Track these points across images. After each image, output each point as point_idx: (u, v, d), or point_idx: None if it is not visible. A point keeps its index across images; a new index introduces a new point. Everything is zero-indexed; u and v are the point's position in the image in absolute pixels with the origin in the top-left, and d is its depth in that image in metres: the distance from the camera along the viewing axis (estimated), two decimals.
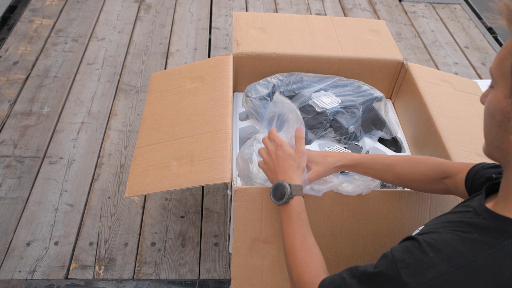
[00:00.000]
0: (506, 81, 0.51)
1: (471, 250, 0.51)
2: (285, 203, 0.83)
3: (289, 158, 0.86)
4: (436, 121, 1.19)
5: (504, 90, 0.52)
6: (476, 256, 0.50)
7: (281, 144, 0.87)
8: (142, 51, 2.13)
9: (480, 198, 0.61)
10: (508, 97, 0.51)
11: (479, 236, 0.52)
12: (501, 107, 0.53)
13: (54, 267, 1.25)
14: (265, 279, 1.00)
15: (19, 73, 1.92)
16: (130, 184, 1.08)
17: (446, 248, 0.52)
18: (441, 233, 0.55)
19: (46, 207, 1.40)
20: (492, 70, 0.54)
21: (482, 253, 0.50)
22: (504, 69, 0.51)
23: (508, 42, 0.52)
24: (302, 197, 0.84)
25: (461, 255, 0.50)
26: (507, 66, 0.51)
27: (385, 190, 1.02)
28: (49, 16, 2.29)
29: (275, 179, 0.86)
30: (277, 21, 1.53)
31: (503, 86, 0.52)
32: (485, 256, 0.50)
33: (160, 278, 1.24)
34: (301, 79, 1.35)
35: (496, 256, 0.49)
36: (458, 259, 0.50)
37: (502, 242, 0.50)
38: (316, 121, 1.28)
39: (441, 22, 2.57)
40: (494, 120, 0.54)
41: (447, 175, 0.85)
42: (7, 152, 1.57)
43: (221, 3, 2.54)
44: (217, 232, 1.37)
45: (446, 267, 0.50)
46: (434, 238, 0.54)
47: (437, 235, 0.55)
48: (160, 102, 1.30)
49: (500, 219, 0.52)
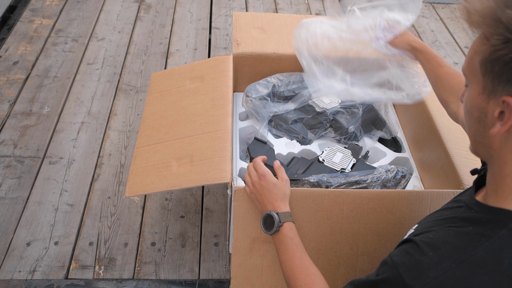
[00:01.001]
0: (477, 79, 0.54)
1: (468, 244, 0.51)
2: (276, 232, 0.84)
3: (274, 188, 0.87)
4: (436, 121, 1.19)
5: (477, 87, 0.54)
6: (475, 250, 0.51)
7: (264, 174, 0.88)
8: (142, 51, 2.13)
9: (470, 192, 0.62)
10: (481, 93, 0.54)
11: (474, 229, 0.53)
12: (476, 104, 0.55)
13: (54, 267, 1.25)
14: (265, 279, 1.00)
15: (19, 73, 1.92)
16: (130, 184, 1.08)
17: (444, 245, 0.53)
18: (437, 231, 0.56)
19: (46, 207, 1.40)
20: (464, 70, 0.57)
21: (480, 246, 0.51)
22: (474, 68, 0.54)
23: (474, 42, 0.55)
24: (293, 223, 0.85)
25: (460, 250, 0.51)
26: (476, 64, 0.53)
27: (385, 190, 1.02)
28: (49, 16, 2.29)
29: (264, 209, 0.88)
30: (277, 21, 1.53)
31: (475, 83, 0.54)
32: (484, 248, 0.50)
33: (160, 278, 1.24)
34: (301, 79, 1.35)
35: (494, 247, 0.50)
36: (457, 254, 0.51)
37: (498, 233, 0.51)
38: (316, 121, 1.28)
39: (441, 22, 2.57)
40: (473, 117, 0.56)
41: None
42: (7, 152, 1.57)
43: (221, 3, 2.54)
44: (217, 232, 1.37)
45: (447, 264, 0.51)
46: (430, 237, 0.55)
47: (433, 233, 0.56)
48: (160, 102, 1.30)
49: (493, 210, 0.54)
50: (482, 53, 0.52)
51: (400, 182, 1.09)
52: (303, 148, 1.27)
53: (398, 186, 1.09)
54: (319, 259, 0.99)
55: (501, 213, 0.53)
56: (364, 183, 1.07)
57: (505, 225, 0.51)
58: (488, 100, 0.53)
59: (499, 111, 0.52)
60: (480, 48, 0.53)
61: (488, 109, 0.53)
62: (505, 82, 0.50)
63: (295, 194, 0.97)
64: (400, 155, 1.28)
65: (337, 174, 1.06)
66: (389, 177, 1.08)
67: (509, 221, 0.51)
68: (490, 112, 0.53)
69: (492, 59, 0.51)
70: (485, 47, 0.51)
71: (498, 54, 0.50)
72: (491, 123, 0.53)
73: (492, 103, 0.53)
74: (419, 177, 1.23)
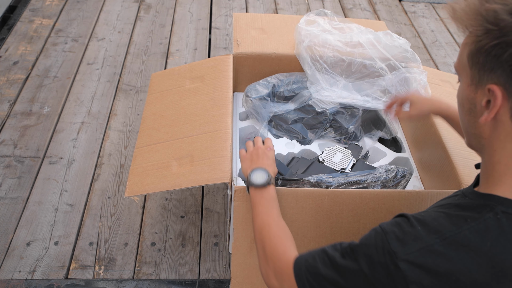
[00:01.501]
0: (466, 72, 0.57)
1: (455, 224, 0.54)
2: (263, 187, 0.86)
3: (270, 154, 0.97)
4: (436, 121, 1.19)
5: (466, 80, 0.58)
6: (460, 229, 0.53)
7: (271, 148, 0.99)
8: (142, 51, 2.13)
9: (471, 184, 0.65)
10: (470, 85, 0.57)
11: (463, 213, 0.55)
12: (466, 96, 0.58)
13: (54, 267, 1.25)
14: None
15: (19, 73, 1.92)
16: (130, 184, 1.08)
17: (432, 222, 0.55)
18: (429, 212, 0.59)
19: (46, 207, 1.40)
20: (455, 66, 0.61)
21: (465, 226, 0.53)
22: (463, 62, 0.58)
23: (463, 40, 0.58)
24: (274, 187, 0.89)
25: (447, 228, 0.54)
26: (464, 59, 0.57)
27: (385, 190, 1.02)
28: (49, 16, 2.29)
29: (256, 165, 0.92)
30: (277, 21, 1.53)
31: (465, 77, 0.58)
32: (468, 228, 0.53)
33: (160, 278, 1.24)
34: (301, 79, 1.35)
35: (479, 228, 0.53)
36: (443, 231, 0.54)
37: (484, 216, 0.53)
38: (316, 121, 1.28)
39: (441, 22, 2.57)
40: (464, 109, 0.60)
41: None
42: (7, 152, 1.57)
43: (221, 3, 2.54)
44: (217, 232, 1.37)
45: (432, 238, 0.54)
46: (422, 215, 0.58)
47: (425, 212, 0.59)
48: (160, 102, 1.30)
49: (482, 196, 0.56)
50: (468, 46, 0.56)
51: (400, 182, 1.09)
52: (303, 148, 1.27)
53: (398, 186, 1.09)
54: None
55: (490, 198, 0.55)
56: (364, 183, 1.07)
57: (492, 209, 0.54)
58: (476, 90, 0.56)
59: (486, 100, 0.55)
60: (467, 42, 0.56)
61: (477, 99, 0.57)
62: (489, 71, 0.54)
63: (295, 194, 0.97)
64: (400, 155, 1.28)
65: (337, 174, 1.06)
66: (389, 177, 1.08)
67: (496, 205, 0.54)
68: (479, 102, 0.56)
69: (476, 50, 0.54)
70: (470, 40, 0.55)
71: (480, 44, 0.54)
72: (480, 113, 0.56)
73: (479, 93, 0.56)
74: (419, 177, 1.23)
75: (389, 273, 0.55)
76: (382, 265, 0.55)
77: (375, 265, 0.56)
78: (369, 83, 1.25)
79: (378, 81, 1.24)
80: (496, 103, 0.53)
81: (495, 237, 0.52)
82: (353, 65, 1.27)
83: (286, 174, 1.15)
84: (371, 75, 1.27)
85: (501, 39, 0.51)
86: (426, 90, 1.24)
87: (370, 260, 0.57)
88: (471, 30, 0.55)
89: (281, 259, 0.71)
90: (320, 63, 1.26)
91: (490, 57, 0.53)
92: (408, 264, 0.53)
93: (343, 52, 1.28)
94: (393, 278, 0.54)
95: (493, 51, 0.52)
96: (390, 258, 0.55)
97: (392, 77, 1.23)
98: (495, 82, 0.53)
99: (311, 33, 1.31)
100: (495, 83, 0.53)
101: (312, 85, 1.26)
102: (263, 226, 0.80)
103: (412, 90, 1.15)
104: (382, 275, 0.55)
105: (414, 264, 0.53)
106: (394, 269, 0.54)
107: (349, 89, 1.24)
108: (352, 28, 1.37)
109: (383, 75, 1.25)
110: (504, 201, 0.54)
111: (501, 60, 0.52)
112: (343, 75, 1.27)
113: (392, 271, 0.54)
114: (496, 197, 0.55)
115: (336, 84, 1.24)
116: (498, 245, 0.51)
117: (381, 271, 0.55)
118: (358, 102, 1.23)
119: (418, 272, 0.53)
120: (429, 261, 0.53)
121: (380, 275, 0.56)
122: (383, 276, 0.55)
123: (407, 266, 0.53)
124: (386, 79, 1.23)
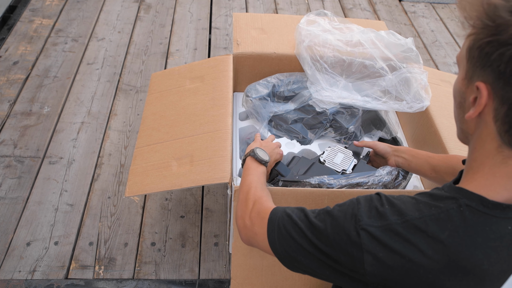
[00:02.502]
0: (463, 65, 0.56)
1: (419, 210, 0.56)
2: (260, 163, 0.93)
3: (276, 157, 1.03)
4: (436, 121, 1.19)
5: (462, 73, 0.57)
6: (422, 214, 0.55)
7: (279, 145, 1.07)
8: (142, 51, 2.13)
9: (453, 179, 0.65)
10: (463, 78, 0.56)
11: (432, 202, 0.56)
12: (459, 89, 0.58)
13: (54, 267, 1.25)
14: (265, 279, 1.00)
15: (19, 73, 1.92)
16: (130, 184, 1.08)
17: (400, 205, 0.57)
18: (403, 196, 0.60)
19: (46, 207, 1.40)
20: (457, 57, 0.60)
21: (427, 212, 0.55)
22: (462, 53, 0.57)
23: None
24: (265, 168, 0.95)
25: (410, 212, 0.56)
26: (464, 50, 0.56)
27: (385, 190, 1.02)
28: (49, 16, 2.29)
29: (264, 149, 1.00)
30: (277, 21, 1.53)
31: (462, 69, 0.57)
32: (430, 215, 0.54)
33: (160, 278, 1.24)
34: (301, 79, 1.35)
35: (440, 217, 0.54)
36: (406, 214, 0.56)
37: (448, 206, 0.54)
38: (316, 121, 1.28)
39: (441, 22, 2.57)
40: (456, 102, 0.60)
41: None
42: (7, 152, 1.57)
43: (221, 3, 2.54)
44: (217, 232, 1.37)
45: (394, 219, 0.56)
46: (394, 197, 0.60)
47: (399, 195, 0.60)
48: (160, 102, 1.30)
49: (455, 189, 0.57)
50: (469, 40, 0.55)
51: (401, 184, 1.09)
52: (303, 148, 1.27)
53: (399, 187, 1.09)
54: None
55: (459, 191, 0.56)
56: (365, 185, 1.07)
57: (457, 201, 0.54)
58: (468, 85, 0.56)
59: (474, 96, 0.54)
60: (469, 34, 0.55)
61: (467, 94, 0.56)
62: (480, 68, 0.53)
63: (295, 194, 0.97)
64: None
65: (338, 176, 1.06)
66: (390, 179, 1.08)
67: (461, 198, 0.54)
68: (468, 98, 0.56)
69: (473, 44, 0.54)
70: (472, 32, 0.54)
71: (476, 38, 0.53)
72: (468, 108, 0.56)
73: (469, 89, 0.56)
74: (419, 177, 1.23)
75: (349, 238, 0.57)
76: (346, 229, 0.58)
77: (339, 228, 0.59)
78: (370, 83, 1.25)
79: (379, 81, 1.24)
80: (481, 102, 0.53)
81: (454, 228, 0.53)
82: (354, 65, 1.27)
83: (287, 176, 1.15)
84: (371, 76, 1.27)
85: (494, 36, 0.50)
86: (427, 91, 1.23)
87: (336, 223, 0.60)
88: (471, 23, 0.54)
89: (262, 203, 0.77)
90: (321, 63, 1.26)
91: (483, 54, 0.52)
92: (368, 234, 0.56)
93: (344, 52, 1.28)
94: (352, 243, 0.57)
95: (486, 48, 0.51)
96: (354, 225, 0.57)
97: (392, 77, 1.23)
98: (484, 80, 0.52)
99: (311, 33, 1.31)
100: (483, 81, 0.52)
101: (312, 85, 1.26)
102: (251, 185, 0.85)
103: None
104: (343, 239, 0.58)
105: (373, 236, 0.56)
106: (355, 235, 0.57)
107: (349, 89, 1.25)
108: (353, 28, 1.37)
109: (383, 76, 1.25)
110: (471, 196, 0.54)
111: (491, 59, 0.51)
112: (343, 75, 1.27)
113: (352, 237, 0.57)
114: (464, 190, 0.55)
115: (336, 84, 1.25)
116: (456, 236, 0.52)
117: (343, 235, 0.58)
118: (358, 103, 1.23)
119: (375, 244, 0.55)
120: (387, 238, 0.55)
121: (341, 239, 0.58)
122: (343, 240, 0.58)
123: (367, 235, 0.56)
124: (387, 79, 1.23)
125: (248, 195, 0.82)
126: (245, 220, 0.77)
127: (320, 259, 0.61)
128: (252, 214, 0.76)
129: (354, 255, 0.57)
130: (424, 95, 1.23)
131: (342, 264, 0.59)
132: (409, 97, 1.22)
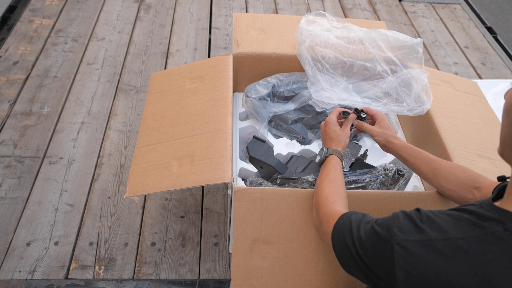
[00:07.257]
0: None
1: (462, 229, 0.54)
2: (322, 160, 0.98)
3: (333, 134, 1.02)
4: (436, 121, 1.19)
5: None
6: (465, 235, 0.53)
7: (328, 121, 1.04)
8: (142, 51, 2.13)
9: (490, 197, 0.63)
10: None
11: (474, 220, 0.54)
12: None
13: (54, 267, 1.25)
14: (265, 280, 1.00)
15: (19, 73, 1.92)
16: (130, 184, 1.08)
17: (441, 222, 0.56)
18: (443, 212, 0.59)
19: (46, 207, 1.40)
20: None
21: (471, 233, 0.53)
22: None
23: None
24: (339, 159, 0.97)
25: (452, 231, 0.54)
26: None
27: (385, 191, 1.02)
28: (49, 16, 2.29)
29: (323, 146, 1.04)
30: (277, 22, 1.53)
31: None
32: (473, 237, 0.52)
33: (160, 278, 1.24)
34: (301, 79, 1.35)
35: (484, 239, 0.52)
36: (448, 232, 0.54)
37: (492, 229, 0.52)
38: (316, 121, 1.29)
39: (441, 22, 2.57)
40: (509, 117, 0.54)
41: (478, 186, 0.86)
42: (7, 152, 1.57)
43: (221, 3, 2.54)
44: (217, 232, 1.37)
45: (434, 235, 0.54)
46: (435, 214, 0.58)
47: (438, 211, 0.59)
48: (160, 102, 1.30)
49: (499, 211, 0.54)
50: None
51: (399, 181, 1.09)
52: (303, 148, 1.27)
53: (396, 185, 1.09)
54: (320, 260, 0.99)
55: (504, 214, 0.53)
56: (363, 183, 1.07)
57: (503, 224, 0.52)
58: None
59: None
60: None
61: None
62: None
63: (295, 194, 0.97)
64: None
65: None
66: (387, 176, 1.08)
67: (507, 221, 0.52)
68: None
69: None
70: None
71: None
72: None
73: None
74: (420, 178, 1.23)
75: (384, 252, 0.57)
76: (381, 243, 0.58)
77: (376, 241, 0.59)
78: (370, 84, 1.25)
79: (379, 83, 1.24)
80: None
81: (499, 251, 0.51)
82: (355, 66, 1.27)
83: (285, 173, 1.15)
84: (372, 78, 1.27)
85: None
86: (427, 93, 1.23)
87: (375, 235, 0.60)
88: None
89: (329, 207, 0.81)
90: (322, 64, 1.26)
91: None
92: (403, 249, 0.55)
93: (345, 52, 1.28)
94: (385, 258, 0.57)
95: None
96: (389, 239, 0.57)
97: (393, 79, 1.23)
98: None
99: (312, 33, 1.30)
100: None
101: (313, 85, 1.26)
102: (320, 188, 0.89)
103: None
104: (378, 252, 0.58)
105: (408, 251, 0.55)
106: (389, 250, 0.56)
107: (349, 91, 1.25)
108: (352, 28, 1.37)
109: (384, 77, 1.25)
110: None
111: None
112: (344, 76, 1.27)
113: (386, 251, 0.57)
114: (511, 213, 0.53)
115: (336, 84, 1.25)
116: (500, 260, 0.50)
117: (379, 248, 0.58)
118: (358, 105, 1.23)
119: (409, 260, 0.54)
120: (424, 253, 0.53)
121: (377, 252, 0.58)
122: (378, 254, 0.58)
123: (401, 250, 0.55)
124: (387, 81, 1.23)
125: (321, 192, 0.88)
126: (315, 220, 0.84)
127: (362, 269, 0.63)
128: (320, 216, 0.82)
129: (388, 270, 0.56)
130: (425, 97, 1.22)
131: (379, 278, 0.59)
132: (409, 100, 1.22)
